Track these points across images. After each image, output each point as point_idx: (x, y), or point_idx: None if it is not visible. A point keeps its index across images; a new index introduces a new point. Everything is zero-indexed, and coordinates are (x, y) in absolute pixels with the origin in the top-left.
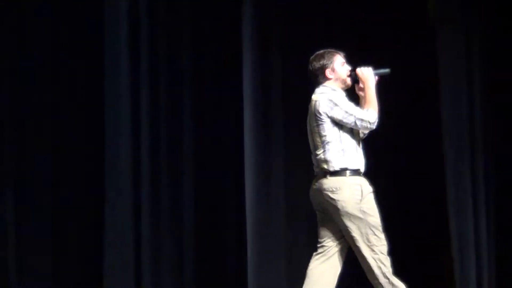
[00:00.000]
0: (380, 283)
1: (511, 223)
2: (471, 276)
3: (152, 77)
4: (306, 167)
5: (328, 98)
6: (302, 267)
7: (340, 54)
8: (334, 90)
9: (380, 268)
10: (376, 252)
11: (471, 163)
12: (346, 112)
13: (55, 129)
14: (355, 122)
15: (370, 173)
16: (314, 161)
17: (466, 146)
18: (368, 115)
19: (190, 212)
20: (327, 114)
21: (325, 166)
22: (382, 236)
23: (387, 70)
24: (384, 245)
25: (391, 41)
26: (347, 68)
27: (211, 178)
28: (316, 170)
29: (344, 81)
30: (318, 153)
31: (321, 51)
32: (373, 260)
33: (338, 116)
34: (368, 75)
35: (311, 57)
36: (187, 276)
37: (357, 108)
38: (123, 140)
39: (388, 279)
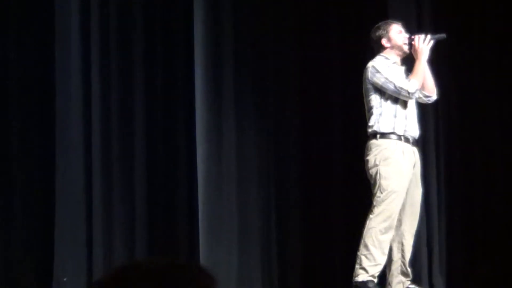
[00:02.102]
0: (358, 250)
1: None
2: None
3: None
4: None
5: (373, 65)
6: (252, 228)
7: (396, 23)
8: (387, 58)
9: (366, 234)
10: (371, 219)
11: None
12: (386, 79)
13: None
14: (394, 90)
15: None
16: None
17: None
18: (408, 84)
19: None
20: (369, 81)
21: (368, 130)
22: (386, 207)
23: (443, 35)
24: (382, 218)
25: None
26: (405, 36)
27: (162, 144)
28: None
29: (400, 48)
30: (366, 117)
31: (379, 23)
32: (365, 227)
33: (379, 82)
34: (423, 48)
35: (371, 30)
36: (139, 244)
37: (400, 77)
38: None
39: (366, 248)
